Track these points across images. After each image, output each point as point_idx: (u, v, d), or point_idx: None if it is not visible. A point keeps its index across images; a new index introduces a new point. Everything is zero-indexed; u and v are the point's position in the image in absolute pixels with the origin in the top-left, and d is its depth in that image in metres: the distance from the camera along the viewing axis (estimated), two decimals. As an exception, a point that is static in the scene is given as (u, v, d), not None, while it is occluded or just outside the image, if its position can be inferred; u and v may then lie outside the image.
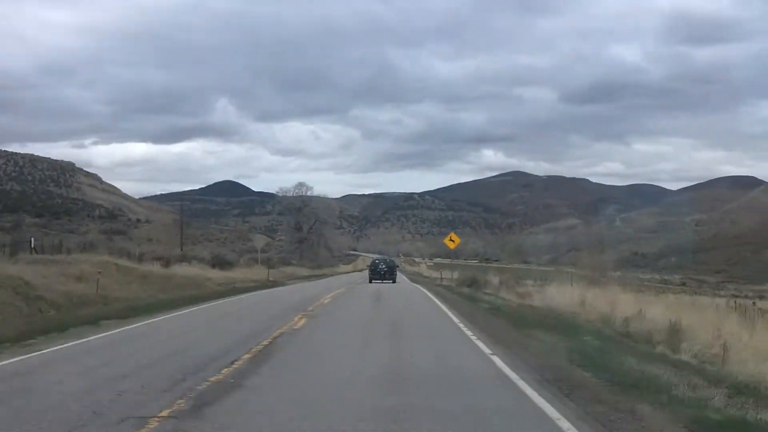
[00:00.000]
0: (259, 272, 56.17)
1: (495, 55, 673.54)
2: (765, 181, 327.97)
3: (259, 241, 76.04)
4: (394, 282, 52.83)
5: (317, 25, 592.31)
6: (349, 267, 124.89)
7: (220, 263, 57.14)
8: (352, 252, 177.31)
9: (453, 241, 51.67)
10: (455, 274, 59.48)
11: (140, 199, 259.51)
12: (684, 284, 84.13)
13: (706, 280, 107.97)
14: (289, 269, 76.63)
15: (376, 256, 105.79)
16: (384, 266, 55.05)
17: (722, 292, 60.14)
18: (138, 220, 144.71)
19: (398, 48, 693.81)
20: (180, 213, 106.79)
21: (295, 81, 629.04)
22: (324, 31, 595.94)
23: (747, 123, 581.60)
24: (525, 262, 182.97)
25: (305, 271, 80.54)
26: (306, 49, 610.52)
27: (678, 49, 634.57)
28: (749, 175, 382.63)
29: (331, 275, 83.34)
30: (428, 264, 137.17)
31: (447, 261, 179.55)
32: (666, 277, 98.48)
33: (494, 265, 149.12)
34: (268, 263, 67.19)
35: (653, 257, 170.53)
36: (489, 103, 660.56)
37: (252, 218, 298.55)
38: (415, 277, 76.37)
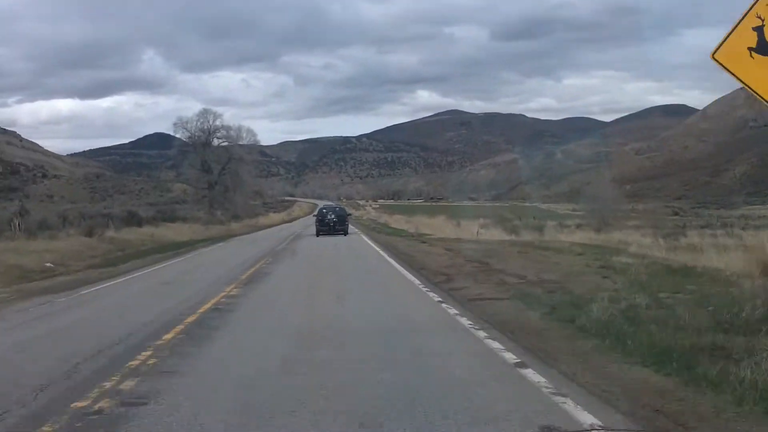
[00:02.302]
0: None
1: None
2: (696, 109, 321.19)
3: None
4: (345, 234, 43.70)
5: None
6: (280, 217, 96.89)
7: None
8: (287, 198, 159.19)
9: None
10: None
11: (68, 155, 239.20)
12: (677, 214, 69.54)
13: (682, 208, 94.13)
14: (157, 232, 44.27)
15: (323, 203, 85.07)
16: (333, 216, 45.58)
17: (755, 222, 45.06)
18: (44, 176, 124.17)
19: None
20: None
21: (221, 29, 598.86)
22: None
23: (674, 53, 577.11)
24: (471, 199, 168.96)
25: (192, 232, 50.39)
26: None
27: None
28: (680, 103, 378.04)
29: (239, 235, 53.44)
30: (374, 206, 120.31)
31: (391, 202, 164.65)
32: (643, 207, 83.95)
33: (442, 204, 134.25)
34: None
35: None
36: (420, 43, 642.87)
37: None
38: (381, 235, 44.37)
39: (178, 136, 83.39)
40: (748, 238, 25.39)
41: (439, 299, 13.60)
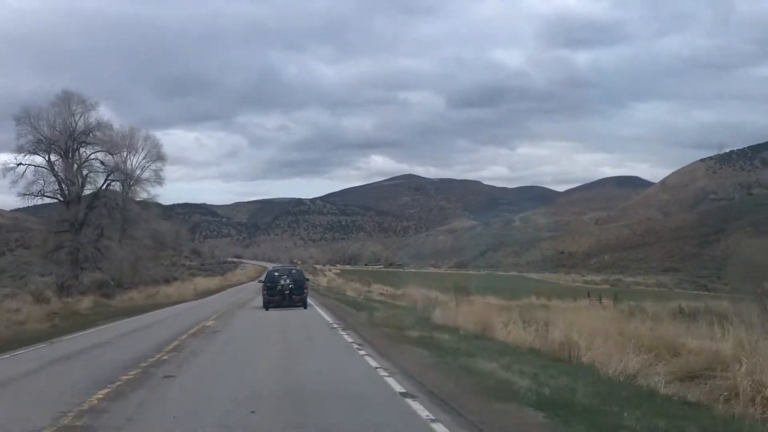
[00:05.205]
0: None
1: (378, 59, 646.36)
2: (650, 181, 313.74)
3: None
4: (305, 307, 30.87)
5: (196, 28, 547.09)
6: (197, 286, 58.97)
7: None
8: (232, 259, 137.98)
9: None
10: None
11: (11, 210, 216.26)
12: (706, 288, 52.58)
13: (697, 281, 76.42)
14: None
15: (273, 265, 58.49)
16: (288, 281, 31.60)
17: None
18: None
19: (281, 51, 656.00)
20: None
21: (176, 87, 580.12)
22: (204, 35, 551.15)
23: (625, 125, 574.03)
24: (433, 266, 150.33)
25: None
26: (186, 54, 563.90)
27: (558, 53, 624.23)
28: (632, 175, 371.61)
29: None
30: (334, 272, 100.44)
31: (348, 267, 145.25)
32: (652, 279, 66.13)
33: (407, 270, 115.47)
34: None
35: (582, 256, 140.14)
36: (375, 108, 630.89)
37: (133, 230, 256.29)
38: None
39: (20, 142, 46.14)
40: None
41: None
